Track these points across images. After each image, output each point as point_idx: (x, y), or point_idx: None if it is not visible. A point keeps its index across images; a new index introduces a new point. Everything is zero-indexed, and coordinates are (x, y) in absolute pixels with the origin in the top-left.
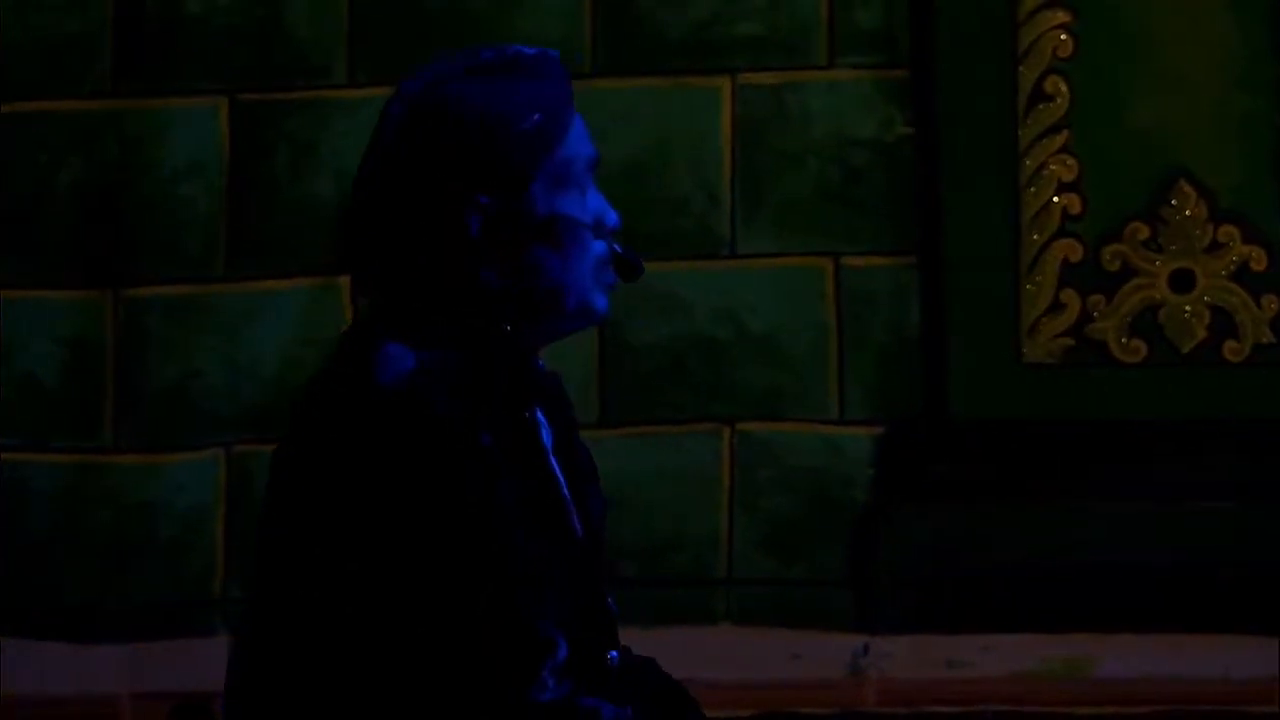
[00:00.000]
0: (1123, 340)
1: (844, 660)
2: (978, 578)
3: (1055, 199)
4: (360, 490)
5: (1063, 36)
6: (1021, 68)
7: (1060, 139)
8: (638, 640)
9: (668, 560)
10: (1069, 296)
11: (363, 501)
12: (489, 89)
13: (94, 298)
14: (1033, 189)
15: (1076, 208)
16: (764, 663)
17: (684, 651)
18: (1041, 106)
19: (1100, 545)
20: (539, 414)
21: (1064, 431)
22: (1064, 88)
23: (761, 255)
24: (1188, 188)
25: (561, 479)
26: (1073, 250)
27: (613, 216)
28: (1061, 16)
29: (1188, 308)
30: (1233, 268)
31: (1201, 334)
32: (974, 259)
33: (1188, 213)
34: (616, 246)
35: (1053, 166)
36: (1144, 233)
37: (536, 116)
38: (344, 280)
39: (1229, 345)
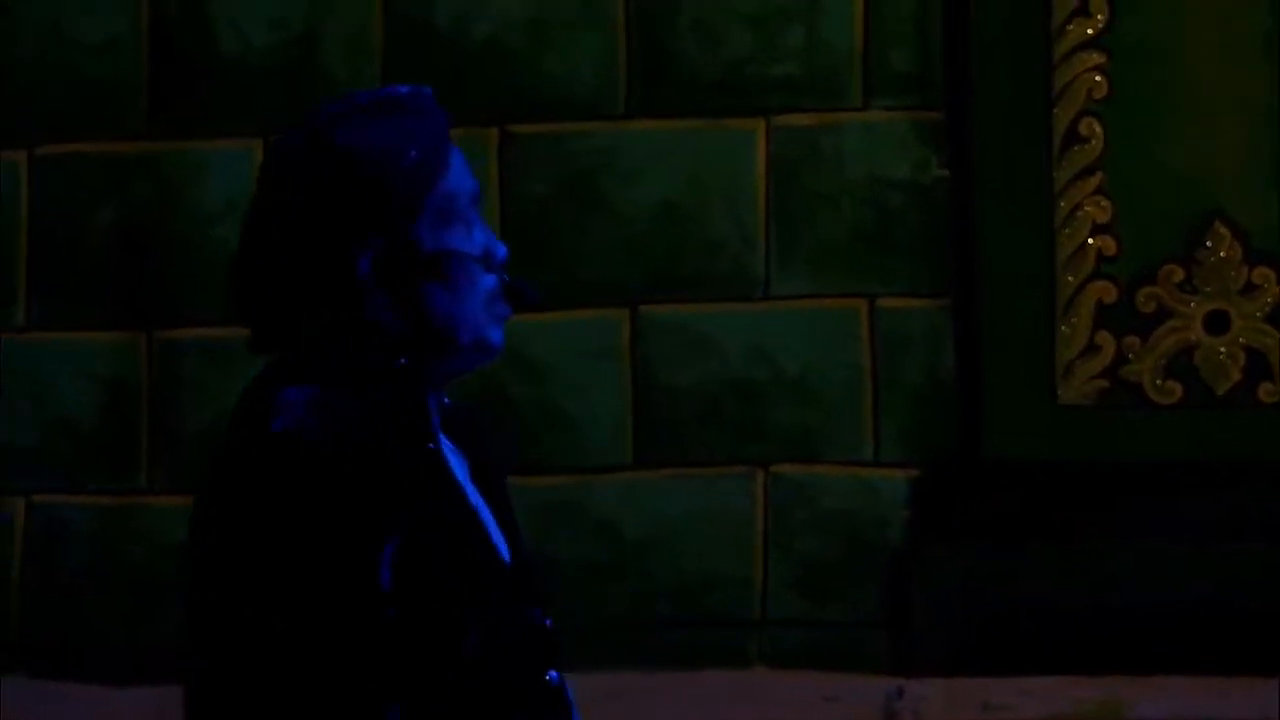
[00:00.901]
0: (1158, 382)
1: (879, 702)
2: (1013, 619)
3: (1090, 241)
4: (251, 537)
5: (1097, 78)
6: (1056, 109)
7: (1095, 181)
8: (673, 682)
9: (702, 602)
10: (1104, 338)
11: (251, 549)
12: (367, 129)
13: (129, 339)
14: (1067, 230)
15: (1111, 249)
16: (798, 705)
17: (718, 693)
18: (1076, 148)
19: (1135, 586)
20: (445, 445)
21: (1099, 473)
22: (1098, 129)
23: (796, 296)
24: (1222, 229)
25: (482, 505)
26: (1107, 292)
27: (501, 250)
28: (1096, 58)
29: (1223, 349)
30: (1268, 309)
31: (1236, 376)
32: (1009, 301)
33: (1222, 254)
34: (506, 277)
35: (1087, 208)
36: (1179, 275)
37: (415, 153)
38: None
39: (1264, 387)
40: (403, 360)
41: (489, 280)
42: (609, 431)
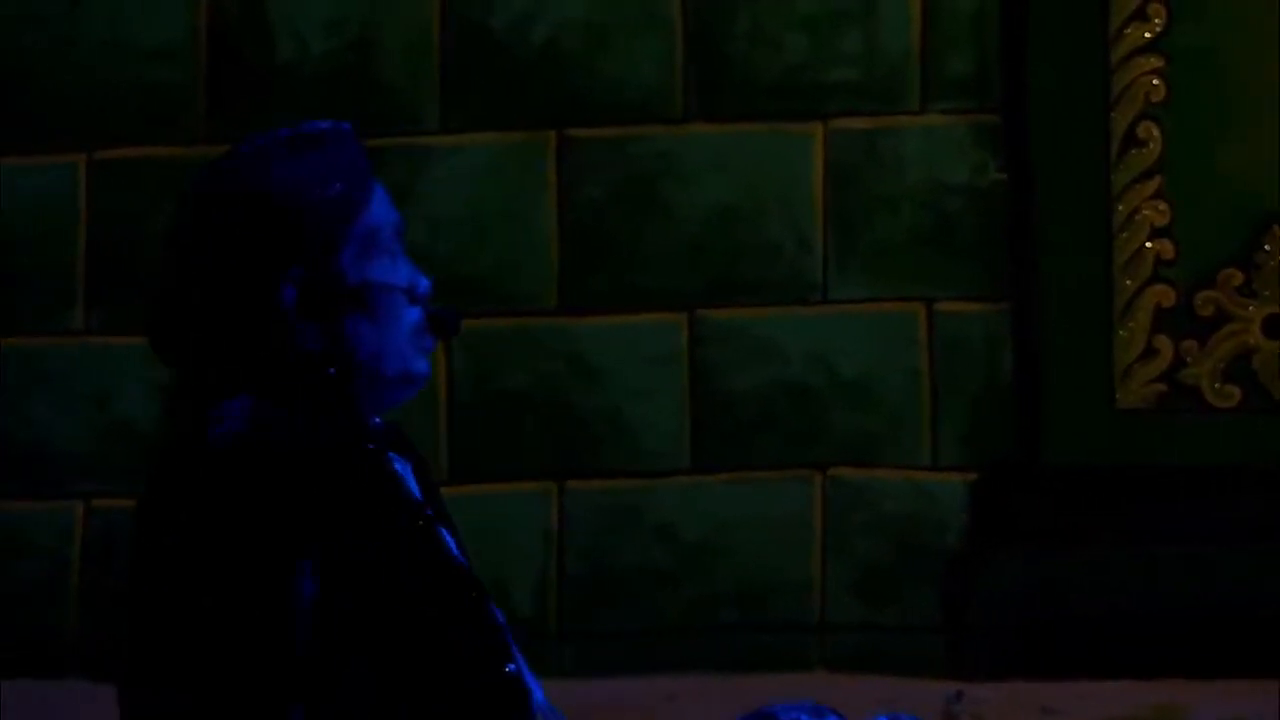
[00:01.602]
0: (1216, 386)
1: (937, 706)
2: (1071, 623)
3: (1148, 244)
4: (183, 545)
5: (1155, 82)
6: (1114, 113)
7: (1153, 184)
8: (731, 686)
9: (761, 606)
10: (1162, 342)
11: (183, 556)
12: (289, 163)
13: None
14: (1125, 234)
15: (1169, 253)
16: (858, 708)
17: (779, 697)
18: (1134, 152)
19: (1193, 590)
20: (396, 461)
21: (1157, 476)
22: (1156, 133)
23: (854, 301)
24: None
25: (432, 513)
26: (1165, 296)
27: (424, 283)
28: (1154, 62)
29: None
30: None
31: None
32: (1067, 304)
33: None
34: (430, 308)
35: (1145, 212)
36: (1237, 278)
37: (338, 185)
38: None
39: None
40: (331, 370)
41: (413, 313)
42: (668, 436)
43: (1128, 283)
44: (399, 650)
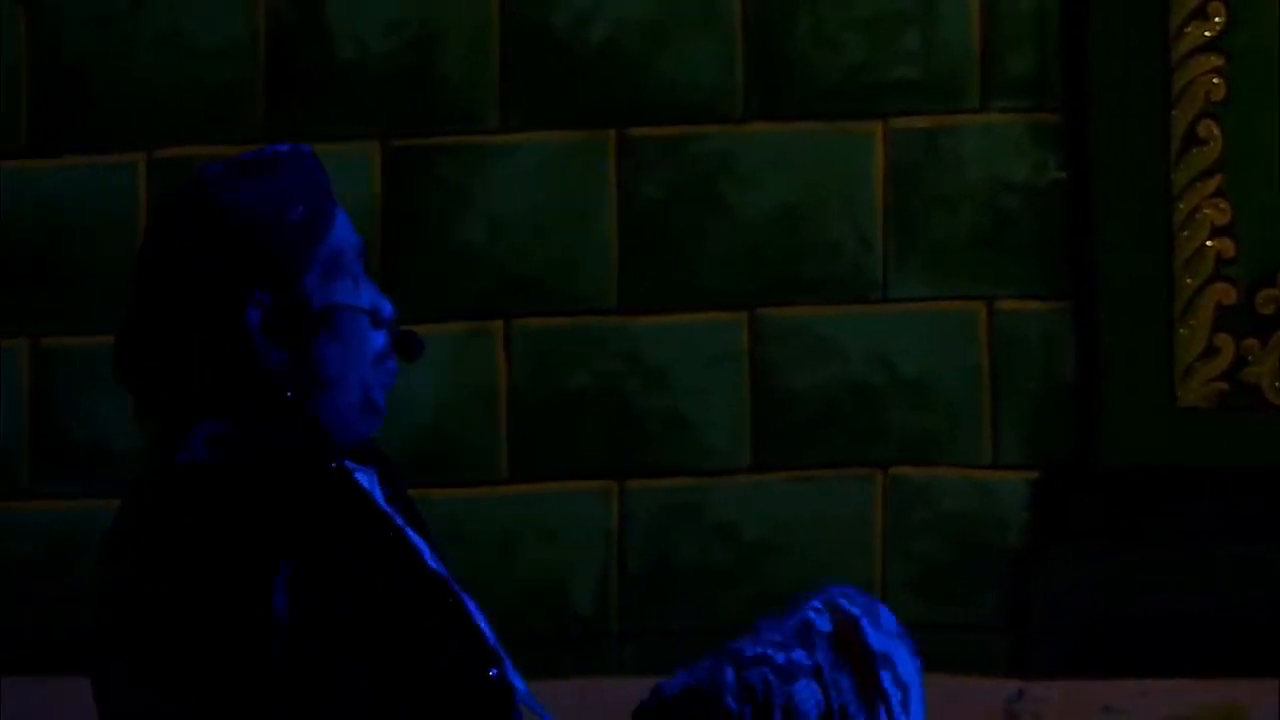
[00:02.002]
0: (1277, 385)
1: (998, 705)
2: (1132, 623)
3: (1209, 243)
4: (150, 568)
5: (1215, 80)
6: (1174, 111)
7: (1213, 183)
8: None
9: None
10: (1223, 341)
11: (150, 578)
12: (252, 186)
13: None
14: (1186, 233)
15: (1230, 251)
16: None
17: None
18: (1194, 150)
19: (1255, 591)
20: (358, 471)
21: (1218, 476)
22: (1217, 131)
23: (914, 299)
24: None
25: (403, 522)
26: (1226, 294)
27: (387, 307)
28: (1214, 60)
29: None
30: None
31: None
32: (1127, 303)
33: None
34: (394, 331)
35: (1206, 210)
36: None
37: (301, 209)
38: (496, 325)
39: None
40: (289, 394)
41: (378, 337)
42: (728, 435)
43: (1188, 281)
44: (375, 661)
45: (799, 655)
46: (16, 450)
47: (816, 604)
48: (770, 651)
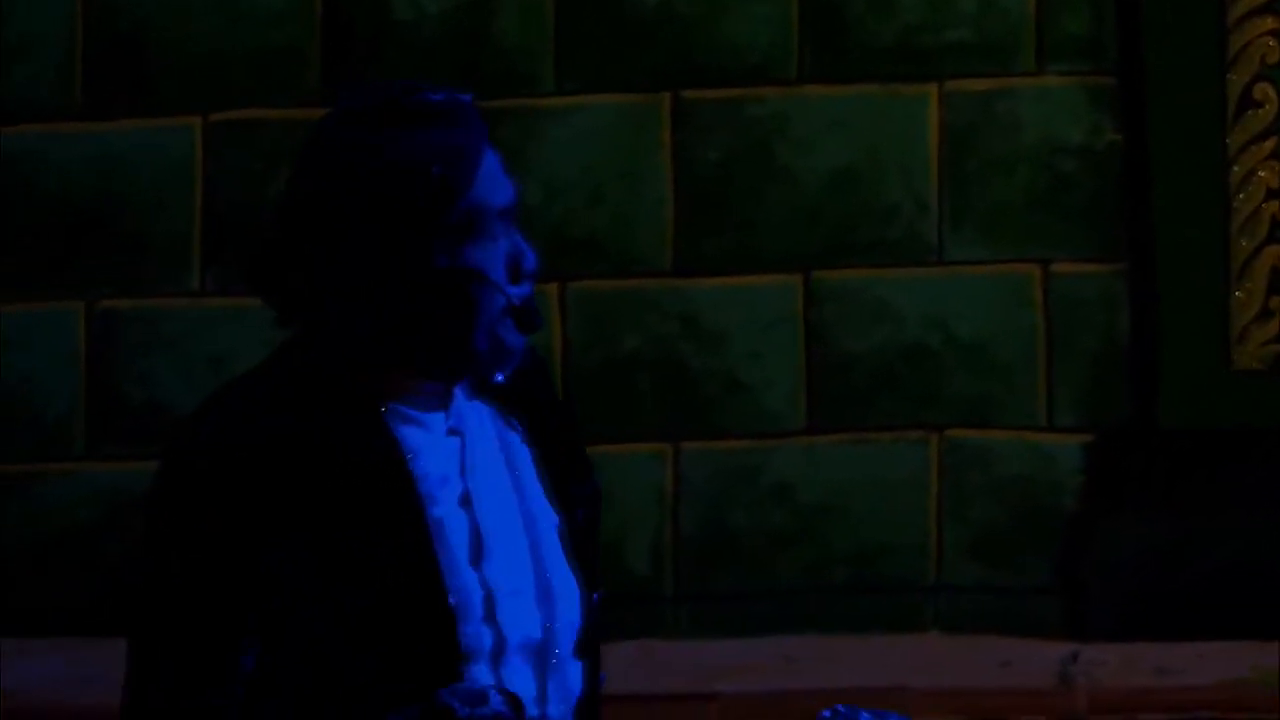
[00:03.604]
0: None
1: (1053, 668)
2: (1188, 585)
3: (1264, 205)
4: (145, 532)
5: (1271, 43)
6: (1230, 74)
7: (1269, 145)
8: (847, 647)
9: (876, 568)
10: (1278, 303)
11: (145, 543)
12: (394, 138)
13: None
14: (1242, 195)
15: None
16: (973, 670)
17: (893, 659)
18: (1250, 113)
19: None
20: (428, 414)
21: (1273, 438)
22: (1273, 94)
23: (970, 262)
24: None
25: (450, 513)
26: None
27: (530, 260)
28: (1270, 23)
29: None
30: None
31: None
32: (1183, 265)
33: None
34: (516, 300)
35: (1262, 173)
36: None
37: (437, 168)
38: (552, 288)
39: None
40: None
41: (498, 301)
42: (783, 398)
43: (1244, 244)
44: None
45: None
46: (73, 413)
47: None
48: None
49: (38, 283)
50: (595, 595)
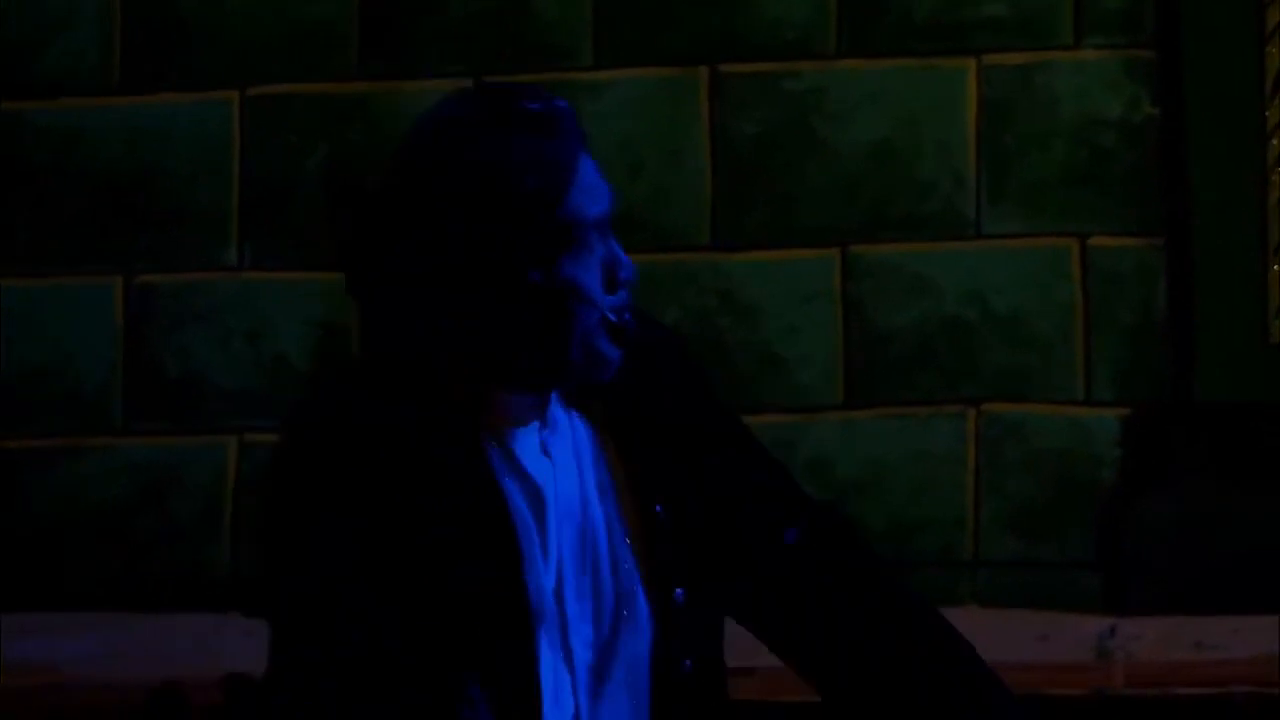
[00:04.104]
0: None
1: (1091, 642)
2: (1226, 559)
3: None
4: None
5: None
6: (1269, 48)
7: None
8: None
9: (914, 541)
10: None
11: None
12: (489, 150)
13: (342, 280)
14: None
15: None
16: (1010, 644)
17: None
18: None
19: None
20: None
21: None
22: None
23: (1007, 236)
24: None
25: (525, 520)
26: None
27: (626, 269)
28: None
29: None
30: None
31: None
32: (1221, 240)
33: None
34: (611, 315)
35: None
36: None
37: (530, 181)
38: None
39: None
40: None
41: (590, 316)
42: (821, 372)
43: None
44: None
45: None
46: (111, 387)
47: None
48: None
49: (76, 257)
50: (678, 591)
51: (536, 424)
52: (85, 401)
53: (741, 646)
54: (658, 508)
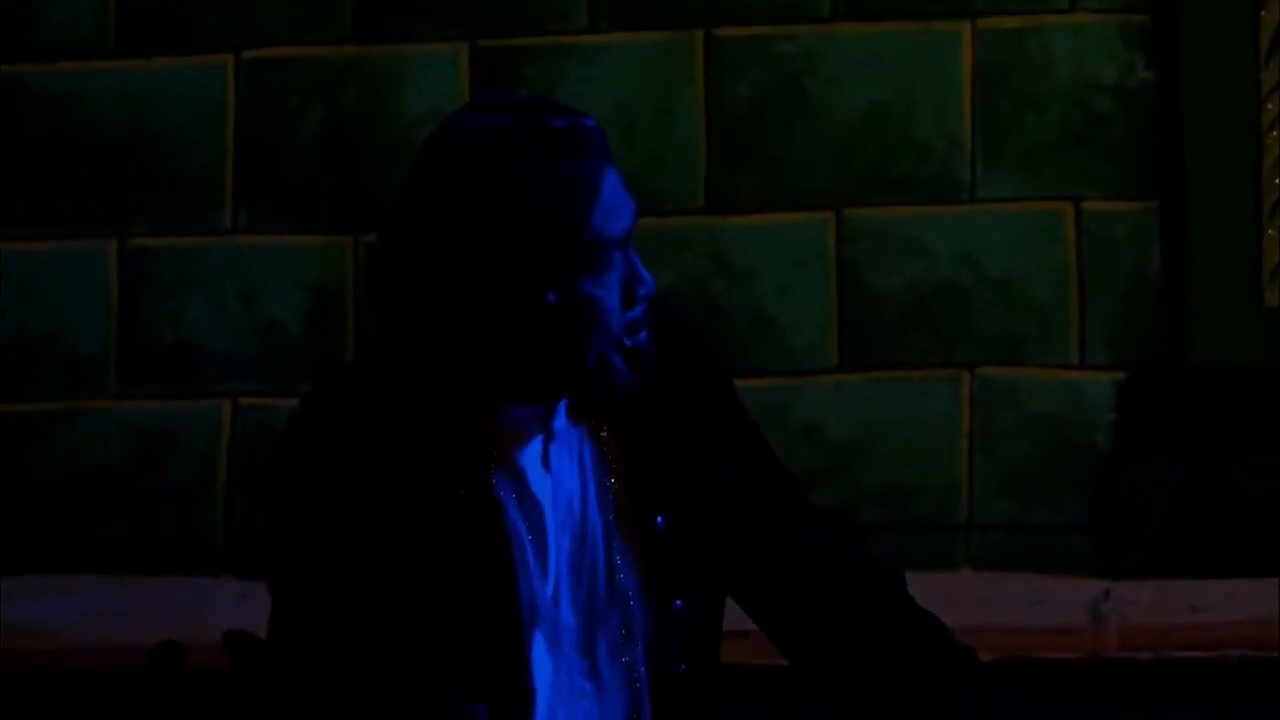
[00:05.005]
0: None
1: (1085, 606)
2: (1220, 523)
3: None
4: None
5: None
6: (1263, 12)
7: None
8: None
9: (908, 505)
10: None
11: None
12: (511, 171)
13: (336, 244)
14: (1275, 133)
15: None
16: (1004, 608)
17: (924, 596)
18: None
19: None
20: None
21: None
22: None
23: (1002, 200)
24: None
25: (515, 521)
26: None
27: (645, 285)
28: None
29: None
30: None
31: None
32: (1215, 204)
33: None
34: (626, 337)
35: None
36: None
37: (554, 205)
38: None
39: None
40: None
41: (607, 331)
42: (814, 335)
43: (1277, 181)
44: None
45: None
46: (105, 351)
47: None
48: None
49: (70, 221)
50: (677, 603)
51: (540, 434)
52: (80, 365)
53: (735, 610)
54: (659, 520)
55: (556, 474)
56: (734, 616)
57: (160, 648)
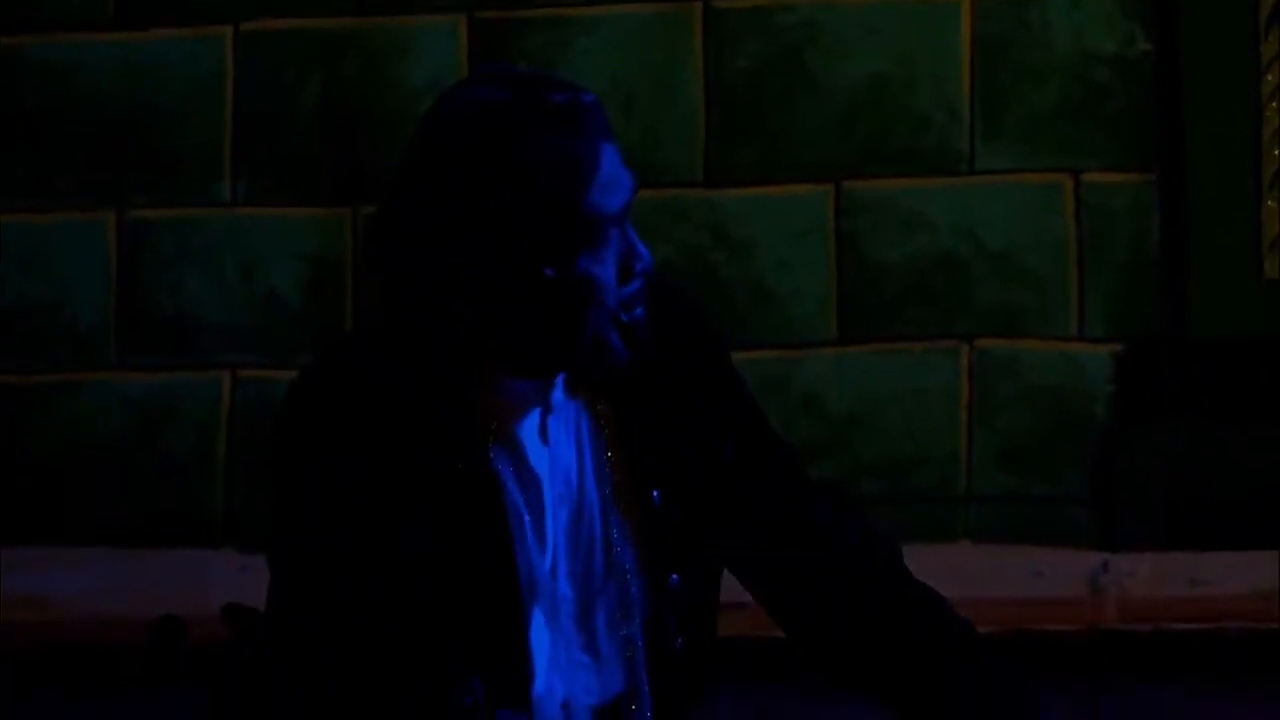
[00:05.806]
0: None
1: (1084, 578)
2: (1219, 495)
3: None
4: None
5: None
6: None
7: None
8: None
9: (907, 478)
10: None
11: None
12: (516, 147)
13: (335, 215)
14: (1274, 104)
15: None
16: (1004, 580)
17: (924, 568)
18: None
19: None
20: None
21: None
22: None
23: (1001, 171)
24: None
25: (511, 498)
26: None
27: (642, 260)
28: None
29: None
30: None
31: None
32: (1215, 175)
33: None
34: (623, 312)
35: None
36: None
37: (552, 182)
38: None
39: None
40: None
41: (601, 315)
42: (814, 307)
43: (1275, 153)
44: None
45: None
46: (104, 323)
47: None
48: None
49: (69, 193)
50: (673, 577)
51: (538, 407)
52: (80, 337)
53: (733, 582)
54: (655, 494)
55: (554, 447)
56: (731, 589)
57: (161, 621)
